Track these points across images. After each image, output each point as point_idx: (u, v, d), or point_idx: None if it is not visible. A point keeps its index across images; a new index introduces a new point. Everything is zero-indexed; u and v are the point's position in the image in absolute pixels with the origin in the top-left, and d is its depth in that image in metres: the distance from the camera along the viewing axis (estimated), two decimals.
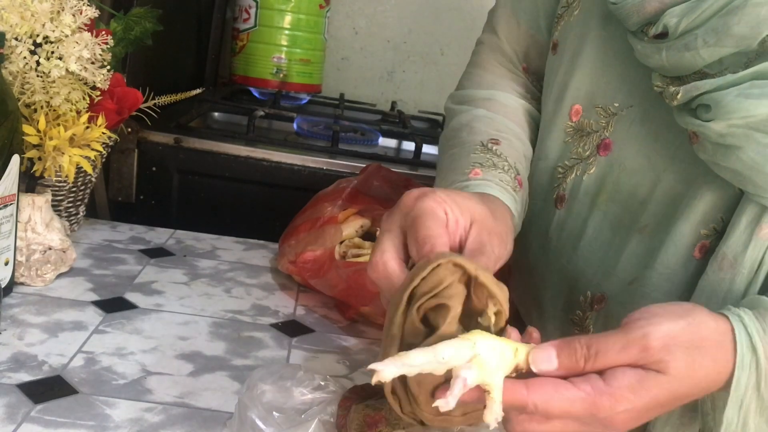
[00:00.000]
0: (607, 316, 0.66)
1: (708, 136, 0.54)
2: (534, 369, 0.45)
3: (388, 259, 0.50)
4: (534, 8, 0.77)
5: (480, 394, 0.43)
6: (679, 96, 0.55)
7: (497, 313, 0.46)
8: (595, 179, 0.66)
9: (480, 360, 0.42)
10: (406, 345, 0.45)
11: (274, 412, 0.51)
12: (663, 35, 0.55)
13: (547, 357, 0.45)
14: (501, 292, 0.47)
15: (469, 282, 0.46)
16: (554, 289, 0.72)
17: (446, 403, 0.41)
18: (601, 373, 0.45)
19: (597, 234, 0.66)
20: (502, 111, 0.75)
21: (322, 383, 0.55)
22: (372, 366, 0.41)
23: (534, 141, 0.76)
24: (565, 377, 0.45)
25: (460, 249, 0.52)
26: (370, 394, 0.55)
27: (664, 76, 0.57)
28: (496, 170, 0.65)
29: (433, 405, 0.43)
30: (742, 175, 0.54)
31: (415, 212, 0.52)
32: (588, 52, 0.67)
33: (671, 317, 0.46)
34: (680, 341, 0.45)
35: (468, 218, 0.53)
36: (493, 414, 0.43)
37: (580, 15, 0.69)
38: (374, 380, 0.41)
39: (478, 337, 0.43)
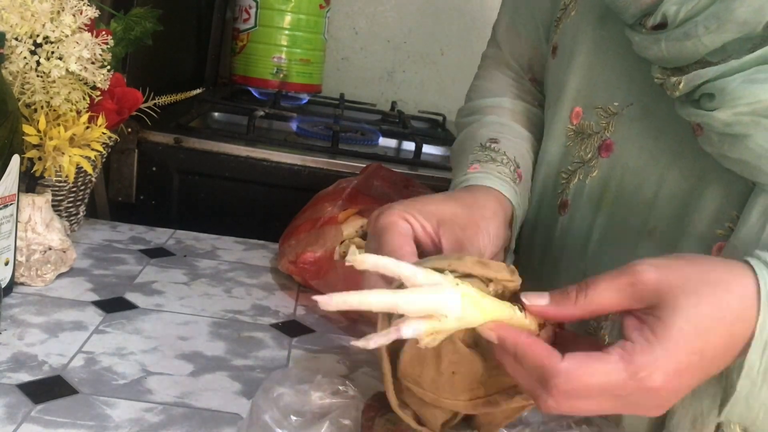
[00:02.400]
0: None
1: (713, 126, 0.52)
2: (525, 302, 0.45)
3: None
4: (533, 20, 0.77)
5: None
6: (681, 86, 0.53)
7: (498, 285, 0.47)
8: (598, 182, 0.65)
9: (439, 321, 0.42)
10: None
11: (291, 416, 0.51)
12: (662, 26, 0.54)
13: (539, 294, 0.45)
14: (493, 270, 0.47)
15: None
16: None
17: (365, 343, 0.42)
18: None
19: (603, 238, 0.64)
20: (508, 115, 0.75)
21: (341, 388, 0.54)
22: (316, 297, 0.42)
23: (540, 142, 0.76)
24: (558, 319, 0.45)
25: (437, 253, 0.52)
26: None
27: (664, 68, 0.56)
28: (494, 164, 0.65)
29: (353, 343, 0.43)
30: (751, 165, 0.52)
31: (377, 231, 0.53)
32: (584, 53, 0.66)
33: (668, 257, 0.45)
34: (678, 275, 0.43)
35: (434, 221, 0.54)
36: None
37: (576, 17, 0.68)
38: (322, 307, 0.42)
39: (450, 298, 0.42)
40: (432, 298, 0.42)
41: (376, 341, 0.42)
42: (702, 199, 0.57)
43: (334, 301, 0.41)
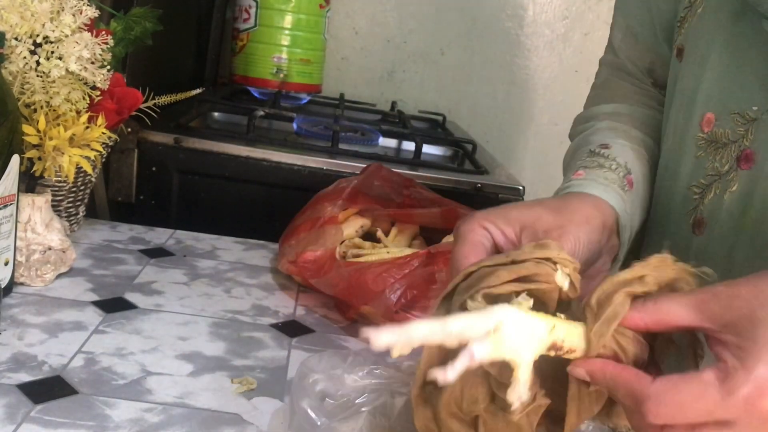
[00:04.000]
0: None
1: None
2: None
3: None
4: (650, 22, 0.72)
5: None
6: None
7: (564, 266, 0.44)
8: (738, 198, 0.58)
9: (499, 335, 0.39)
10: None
11: (327, 399, 0.51)
12: None
13: None
14: (554, 250, 0.44)
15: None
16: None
17: (444, 376, 0.38)
18: None
19: (750, 262, 0.58)
20: (625, 120, 0.71)
21: (376, 370, 0.54)
22: (366, 332, 0.37)
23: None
24: (622, 324, 0.41)
25: None
26: None
27: None
28: (601, 170, 0.61)
29: (429, 378, 0.40)
30: None
31: (455, 239, 0.51)
32: (718, 53, 0.60)
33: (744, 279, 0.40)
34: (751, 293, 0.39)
35: (517, 226, 0.51)
36: (516, 393, 0.40)
37: (706, 14, 0.63)
38: (372, 346, 0.38)
39: (501, 310, 0.39)
40: (484, 315, 0.39)
41: (452, 371, 0.38)
42: None
43: (383, 339, 0.37)
